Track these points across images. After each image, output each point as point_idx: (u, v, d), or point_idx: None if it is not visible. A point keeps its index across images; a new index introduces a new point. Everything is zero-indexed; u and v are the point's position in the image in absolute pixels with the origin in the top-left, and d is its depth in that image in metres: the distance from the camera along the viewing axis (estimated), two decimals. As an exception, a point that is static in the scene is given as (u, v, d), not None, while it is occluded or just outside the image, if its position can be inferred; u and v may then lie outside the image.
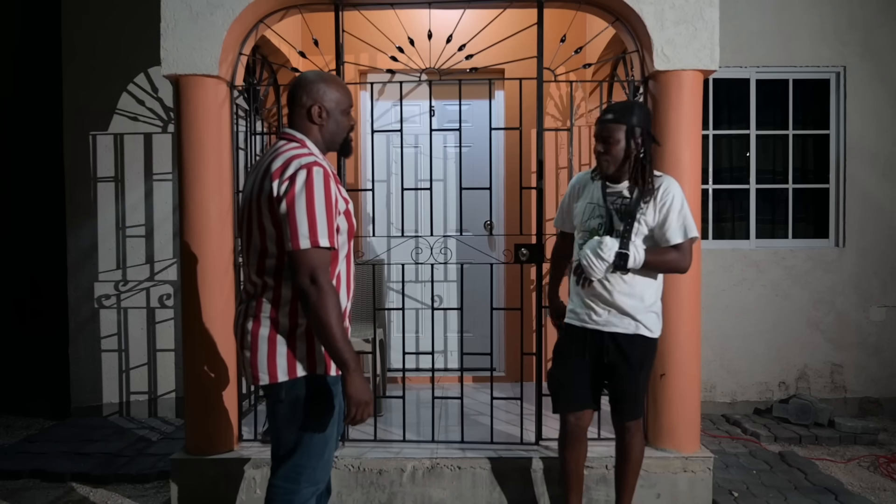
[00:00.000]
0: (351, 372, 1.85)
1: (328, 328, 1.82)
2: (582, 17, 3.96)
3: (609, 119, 2.41)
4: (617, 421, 2.58)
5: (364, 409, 1.87)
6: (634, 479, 2.62)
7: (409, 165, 4.47)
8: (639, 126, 2.38)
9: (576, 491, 2.66)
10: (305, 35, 4.36)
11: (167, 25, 2.96)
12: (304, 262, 1.82)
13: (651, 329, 2.47)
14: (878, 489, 3.30)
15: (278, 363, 1.92)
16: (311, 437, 1.96)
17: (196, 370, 3.03)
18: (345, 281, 2.02)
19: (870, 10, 4.39)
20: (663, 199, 2.39)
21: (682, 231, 2.38)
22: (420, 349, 4.40)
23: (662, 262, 2.40)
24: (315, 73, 2.04)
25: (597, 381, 2.54)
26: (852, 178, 4.44)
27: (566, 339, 2.57)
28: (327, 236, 1.84)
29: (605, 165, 2.43)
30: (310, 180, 1.83)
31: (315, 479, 2.00)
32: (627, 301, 2.42)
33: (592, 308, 2.47)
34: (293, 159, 1.88)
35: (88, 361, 4.34)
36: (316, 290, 1.82)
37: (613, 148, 2.39)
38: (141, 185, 4.32)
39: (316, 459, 1.98)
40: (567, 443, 2.59)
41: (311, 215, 1.82)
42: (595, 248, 2.36)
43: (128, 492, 3.29)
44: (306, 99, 1.98)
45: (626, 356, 2.44)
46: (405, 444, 3.17)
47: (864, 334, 4.44)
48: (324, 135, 2.02)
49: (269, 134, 4.03)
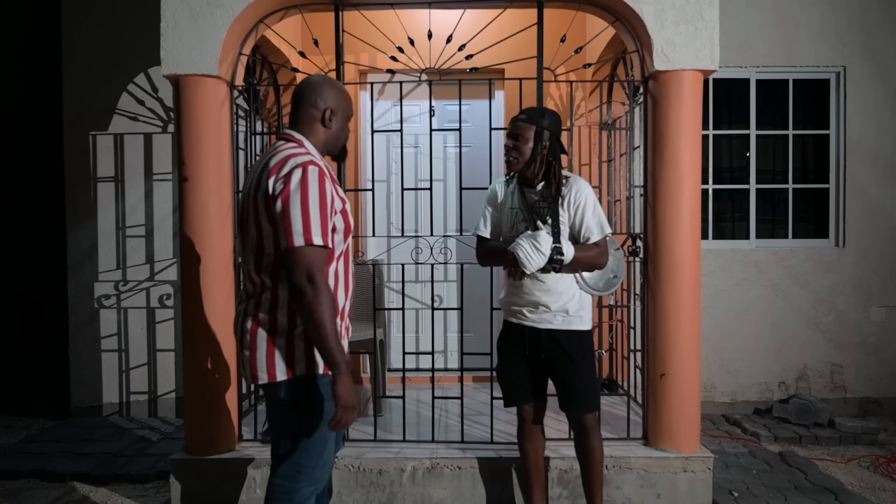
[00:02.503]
0: (341, 373, 1.85)
1: (321, 328, 1.82)
2: (582, 17, 3.96)
3: (521, 118, 2.52)
4: (571, 416, 2.61)
5: (349, 412, 1.86)
6: (601, 477, 2.62)
7: (409, 165, 4.47)
8: (548, 130, 2.49)
9: (538, 483, 2.73)
10: (305, 35, 4.36)
11: (167, 25, 2.96)
12: (298, 259, 1.83)
13: (583, 320, 2.55)
14: (878, 489, 3.30)
15: (277, 362, 1.92)
16: (311, 437, 1.96)
17: (196, 370, 3.03)
18: (343, 280, 2.02)
19: (870, 11, 4.39)
20: (576, 200, 2.49)
21: (600, 228, 2.51)
22: (420, 349, 4.40)
23: (587, 258, 2.50)
24: (323, 78, 2.07)
25: (540, 376, 2.62)
26: (852, 178, 4.44)
27: (507, 334, 2.65)
28: (321, 234, 1.84)
29: (511, 161, 2.53)
30: (305, 179, 1.84)
31: (315, 479, 2.00)
32: (549, 298, 2.51)
33: (522, 309, 2.56)
34: (290, 158, 1.89)
35: (88, 361, 4.34)
36: (311, 288, 1.82)
37: (522, 145, 2.49)
38: (141, 185, 4.32)
39: (316, 459, 1.99)
40: (524, 435, 2.68)
41: (306, 213, 1.82)
42: (531, 240, 2.42)
43: (128, 492, 3.29)
44: (321, 102, 2.01)
45: (563, 350, 2.51)
46: (405, 444, 3.16)
47: (864, 334, 4.44)
48: (328, 138, 2.05)
49: (269, 134, 4.03)
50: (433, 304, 3.29)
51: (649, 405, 3.10)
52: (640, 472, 2.97)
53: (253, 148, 3.79)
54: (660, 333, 3.04)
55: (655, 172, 3.03)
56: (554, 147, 2.50)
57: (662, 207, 3.01)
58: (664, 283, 3.01)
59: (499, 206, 2.66)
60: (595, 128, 4.34)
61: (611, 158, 4.14)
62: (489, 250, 2.67)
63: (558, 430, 3.20)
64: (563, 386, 2.57)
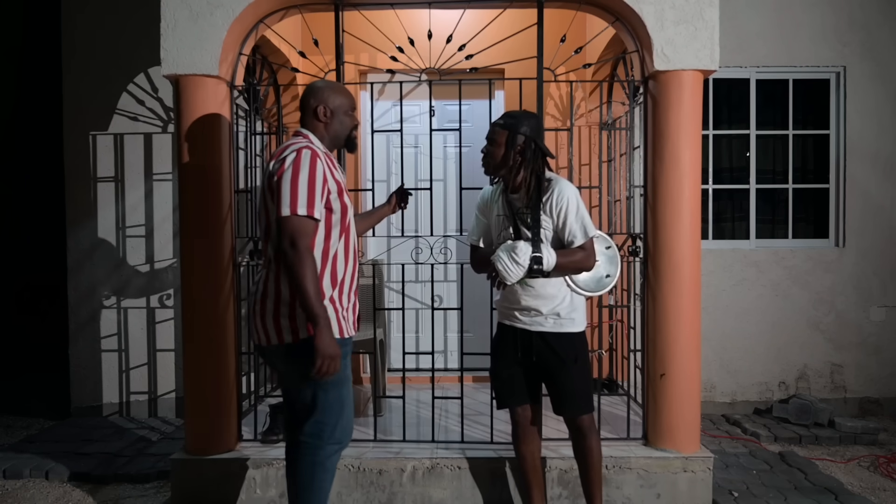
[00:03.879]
0: (320, 327, 2.06)
1: (302, 287, 2.05)
2: (582, 17, 3.96)
3: (497, 123, 2.52)
4: (567, 418, 2.60)
5: (331, 362, 2.07)
6: (600, 478, 2.62)
7: (409, 165, 4.47)
8: (522, 135, 2.45)
9: (537, 485, 2.72)
10: (305, 35, 4.36)
11: (167, 25, 2.96)
12: (284, 227, 2.08)
13: (575, 322, 2.53)
14: (878, 489, 3.30)
15: (283, 326, 2.16)
16: (326, 395, 2.20)
17: (196, 370, 3.03)
18: (342, 255, 2.25)
19: (870, 10, 4.39)
20: (558, 204, 2.46)
21: (583, 231, 2.47)
22: (420, 349, 4.40)
23: (572, 263, 2.48)
24: (322, 82, 2.39)
25: (533, 377, 2.61)
26: (852, 178, 4.44)
27: (501, 337, 2.65)
28: (307, 206, 2.08)
29: (483, 164, 2.55)
30: (297, 159, 2.11)
31: (337, 438, 2.26)
32: (539, 303, 2.49)
33: (514, 312, 2.56)
34: (290, 145, 2.19)
35: (88, 361, 4.34)
36: (293, 251, 2.06)
37: (494, 150, 2.49)
38: (141, 185, 4.32)
39: (336, 418, 2.24)
40: (519, 437, 2.67)
41: (294, 187, 2.08)
42: (510, 252, 2.42)
43: (128, 492, 3.29)
44: (313, 101, 2.32)
45: (555, 352, 2.50)
46: (405, 444, 3.17)
47: (864, 334, 4.44)
48: (329, 131, 2.33)
49: (269, 134, 4.03)
50: (433, 304, 3.30)
51: (649, 405, 3.10)
52: (640, 472, 2.97)
53: (253, 148, 3.79)
54: (660, 333, 3.04)
55: (655, 172, 3.04)
56: (529, 152, 2.46)
57: (662, 207, 3.01)
58: (664, 283, 3.01)
59: (487, 213, 2.65)
60: (595, 128, 4.34)
61: (611, 158, 4.14)
62: (478, 260, 2.68)
63: (558, 430, 3.20)
64: (556, 388, 2.56)
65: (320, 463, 2.25)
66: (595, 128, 4.34)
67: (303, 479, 2.25)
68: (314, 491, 2.25)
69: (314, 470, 2.24)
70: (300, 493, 2.26)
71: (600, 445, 2.62)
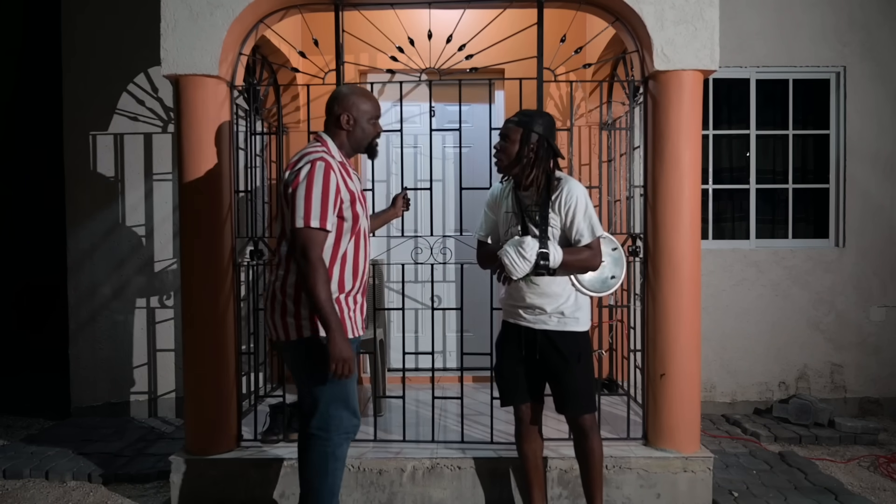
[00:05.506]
0: (333, 331, 2.17)
1: (314, 294, 2.17)
2: (582, 17, 3.97)
3: (512, 120, 2.54)
4: (569, 417, 2.61)
5: (345, 364, 2.18)
6: (600, 478, 2.62)
7: (409, 165, 4.47)
8: (536, 133, 2.47)
9: (538, 484, 2.73)
10: (305, 35, 4.36)
11: (167, 25, 2.96)
12: (297, 238, 2.20)
13: (579, 321, 2.54)
14: (878, 489, 3.30)
15: (288, 324, 2.29)
16: (332, 388, 2.30)
17: (196, 370, 3.03)
18: (351, 261, 2.34)
19: (870, 10, 4.39)
20: (567, 202, 2.48)
21: (591, 231, 2.49)
22: (420, 349, 4.40)
23: (578, 261, 2.49)
24: (348, 87, 2.44)
25: (536, 376, 2.61)
26: (852, 178, 4.44)
27: (505, 335, 2.65)
28: (319, 218, 2.18)
29: (497, 162, 2.57)
30: (311, 172, 2.19)
31: (344, 428, 2.37)
32: (544, 301, 2.51)
33: (519, 310, 2.56)
34: (305, 155, 2.26)
35: (88, 361, 4.34)
36: (305, 262, 2.18)
37: (509, 147, 2.51)
38: (141, 185, 4.32)
39: (342, 409, 2.35)
40: (522, 436, 2.68)
41: (307, 200, 2.18)
42: (517, 246, 2.43)
43: (128, 492, 3.29)
44: (337, 108, 2.37)
45: (558, 350, 2.51)
46: (405, 444, 3.17)
47: (864, 334, 4.44)
48: (350, 139, 2.41)
49: (269, 134, 4.03)
50: (433, 304, 3.30)
51: (649, 405, 3.10)
52: (640, 472, 2.97)
53: (253, 148, 3.79)
54: (660, 333, 3.04)
55: (655, 172, 3.04)
56: (542, 150, 2.49)
57: (662, 207, 3.01)
58: (664, 283, 3.01)
59: (496, 210, 2.67)
60: (595, 128, 4.34)
61: (611, 158, 4.14)
62: (485, 255, 2.69)
63: (558, 430, 3.20)
64: (559, 387, 2.56)
65: (331, 453, 2.37)
66: (595, 128, 4.34)
67: (315, 469, 2.38)
68: (328, 479, 2.38)
69: (326, 460, 2.36)
70: (314, 482, 2.38)
71: (602, 445, 2.62)
